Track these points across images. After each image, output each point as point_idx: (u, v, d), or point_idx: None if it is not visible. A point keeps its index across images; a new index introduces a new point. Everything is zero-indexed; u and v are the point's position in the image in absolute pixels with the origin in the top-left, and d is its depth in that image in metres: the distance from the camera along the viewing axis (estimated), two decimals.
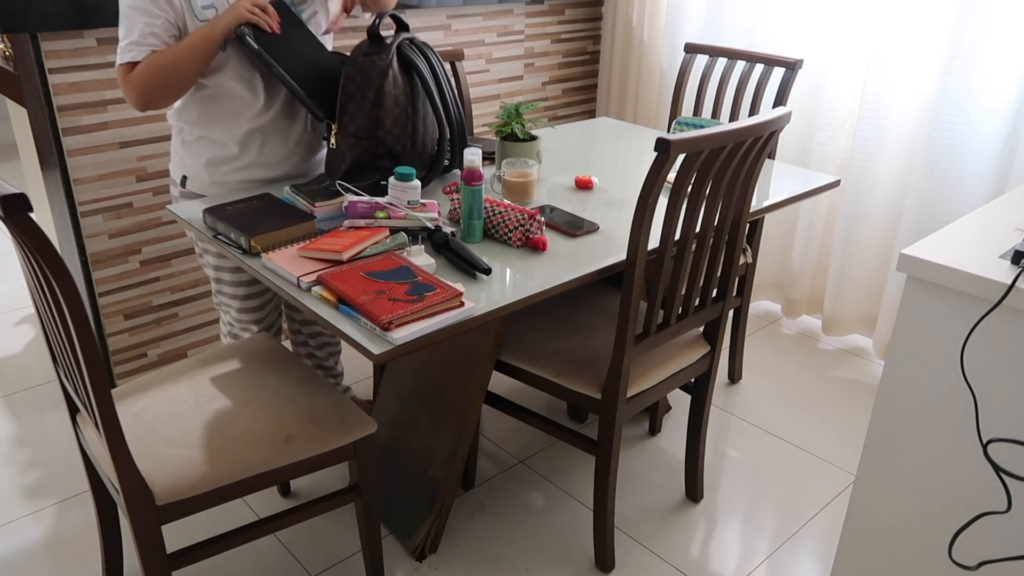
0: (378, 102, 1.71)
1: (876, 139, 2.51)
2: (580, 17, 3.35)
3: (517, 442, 2.25)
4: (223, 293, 1.92)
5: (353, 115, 1.73)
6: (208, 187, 1.82)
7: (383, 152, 1.74)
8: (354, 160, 1.75)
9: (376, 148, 1.74)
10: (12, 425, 2.31)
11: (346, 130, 1.74)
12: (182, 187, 1.85)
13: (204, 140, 1.79)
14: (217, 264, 1.87)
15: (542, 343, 1.79)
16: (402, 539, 1.87)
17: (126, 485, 1.32)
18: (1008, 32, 2.17)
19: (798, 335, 2.88)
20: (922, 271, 1.22)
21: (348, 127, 1.73)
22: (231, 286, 1.89)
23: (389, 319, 1.27)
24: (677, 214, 1.52)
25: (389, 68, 1.70)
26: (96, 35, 2.13)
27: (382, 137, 1.73)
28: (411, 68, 1.75)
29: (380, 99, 1.71)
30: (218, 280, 1.90)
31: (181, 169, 1.84)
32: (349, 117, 1.73)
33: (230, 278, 1.88)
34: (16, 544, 1.87)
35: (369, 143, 1.73)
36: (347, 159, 1.75)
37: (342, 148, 1.75)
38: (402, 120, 1.74)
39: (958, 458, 1.26)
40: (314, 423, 1.51)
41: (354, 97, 1.72)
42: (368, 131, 1.72)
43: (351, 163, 1.75)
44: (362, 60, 1.72)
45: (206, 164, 1.80)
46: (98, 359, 1.22)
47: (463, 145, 1.84)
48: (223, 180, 1.82)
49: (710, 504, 2.04)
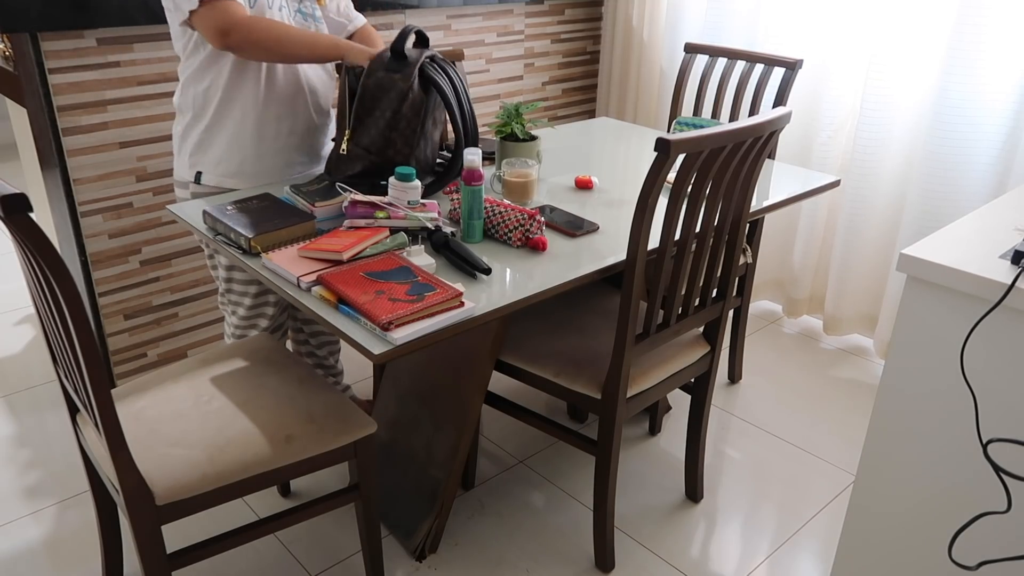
0: (394, 123, 1.71)
1: (876, 139, 2.51)
2: (580, 17, 3.35)
3: (517, 442, 2.25)
4: (233, 292, 1.92)
5: (367, 129, 1.73)
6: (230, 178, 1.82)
7: (390, 170, 1.75)
8: (362, 170, 1.76)
9: (384, 165, 1.75)
10: (12, 425, 2.31)
11: (358, 140, 1.74)
12: (196, 183, 1.83)
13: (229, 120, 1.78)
14: (229, 264, 1.87)
15: (542, 343, 1.79)
16: (402, 539, 1.87)
17: (126, 485, 1.32)
18: (1008, 32, 2.17)
19: (798, 335, 2.88)
20: (922, 271, 1.22)
21: (361, 139, 1.74)
22: (242, 284, 1.90)
23: (389, 319, 1.27)
24: (677, 214, 1.52)
25: (409, 91, 1.70)
26: (96, 35, 2.13)
27: (392, 156, 1.73)
28: (430, 85, 1.74)
29: (396, 121, 1.71)
30: (229, 279, 1.90)
31: (194, 166, 1.83)
32: (364, 129, 1.73)
33: (242, 276, 1.88)
34: (16, 544, 1.87)
35: (378, 159, 1.74)
36: (355, 167, 1.75)
37: (351, 156, 1.75)
38: (412, 140, 1.74)
39: (958, 458, 1.26)
40: (314, 423, 1.51)
41: (371, 112, 1.72)
42: (379, 148, 1.73)
43: (358, 173, 1.76)
44: (382, 76, 1.70)
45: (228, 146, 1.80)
46: (98, 359, 1.22)
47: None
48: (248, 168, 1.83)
49: (710, 504, 2.04)
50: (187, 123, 1.82)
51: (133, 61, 2.21)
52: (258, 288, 1.89)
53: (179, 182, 1.88)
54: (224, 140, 1.80)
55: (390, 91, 1.70)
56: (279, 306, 1.95)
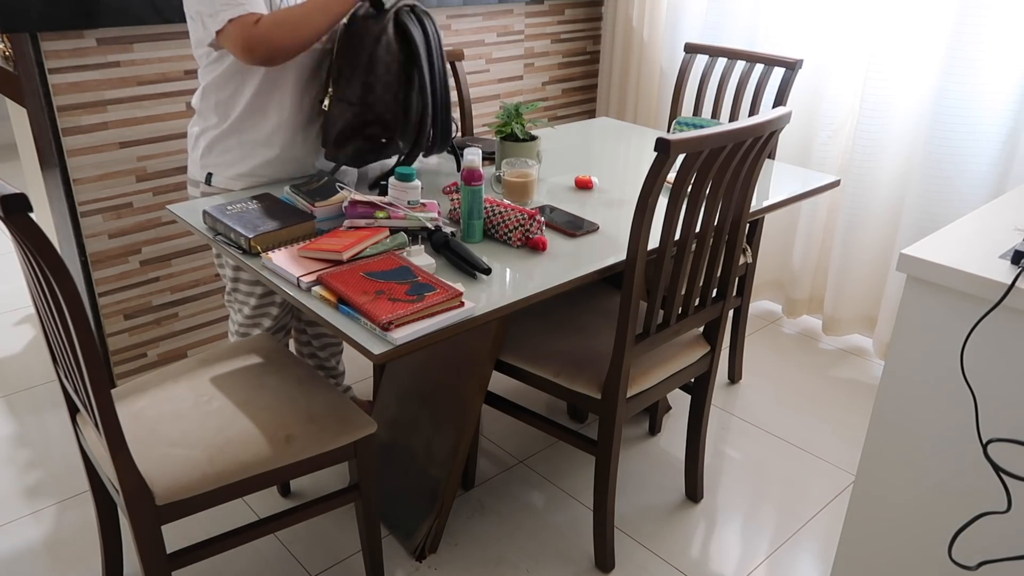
0: (370, 67, 1.67)
1: (876, 139, 2.51)
2: (580, 17, 3.35)
3: (517, 442, 2.25)
4: (240, 291, 1.92)
5: (348, 79, 1.70)
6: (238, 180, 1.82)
7: (372, 119, 1.70)
8: (344, 125, 1.72)
9: (366, 114, 1.70)
10: (12, 425, 2.31)
11: (340, 95, 1.71)
12: (207, 184, 1.83)
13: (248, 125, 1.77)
14: (236, 263, 1.86)
15: (542, 343, 1.79)
16: (402, 539, 1.87)
17: (126, 485, 1.32)
18: (1008, 32, 2.17)
19: (798, 335, 2.88)
20: (922, 271, 1.22)
21: (343, 92, 1.71)
22: (248, 284, 1.89)
23: (389, 319, 1.27)
24: (677, 214, 1.52)
25: (383, 34, 1.66)
26: (96, 35, 2.13)
27: (372, 103, 1.69)
28: (407, 35, 1.71)
29: (372, 64, 1.67)
30: (236, 279, 1.90)
31: (206, 167, 1.82)
32: (344, 81, 1.70)
33: (249, 276, 1.88)
34: (16, 544, 1.87)
35: (360, 108, 1.70)
36: (337, 124, 1.72)
37: (334, 113, 1.72)
38: (393, 87, 1.70)
39: (958, 458, 1.26)
40: (314, 423, 1.51)
41: (350, 61, 1.69)
42: (359, 97, 1.69)
43: (341, 128, 1.72)
44: (358, 23, 1.69)
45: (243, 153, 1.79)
46: (98, 359, 1.22)
47: (446, 122, 1.81)
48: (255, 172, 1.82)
49: (710, 504, 2.04)
50: (205, 126, 1.80)
51: (133, 61, 2.21)
52: (264, 289, 1.89)
53: (192, 180, 1.89)
54: (243, 146, 1.79)
55: (364, 36, 1.67)
56: (284, 307, 1.95)
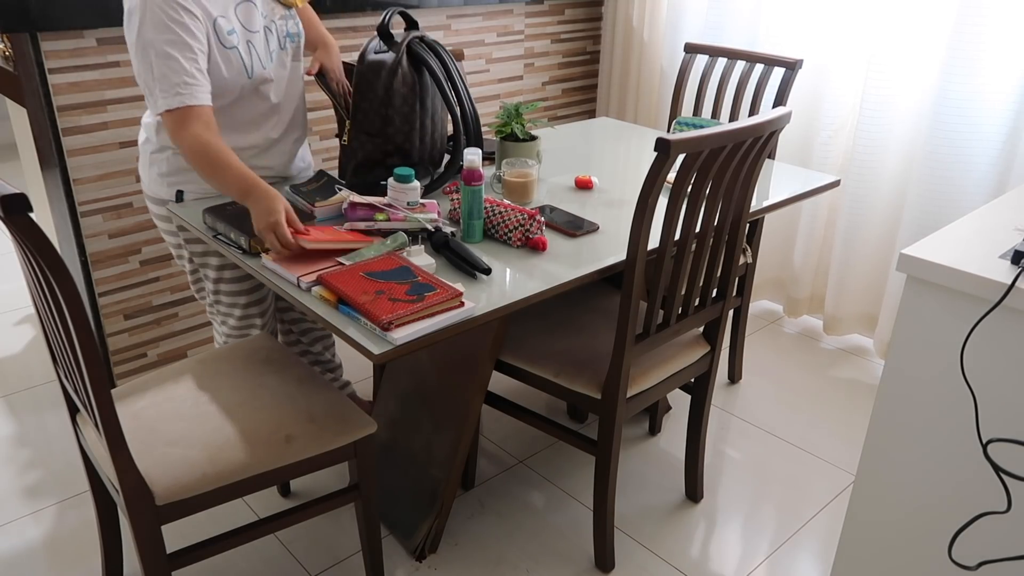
0: (387, 99, 1.72)
1: (876, 139, 2.51)
2: (580, 17, 3.35)
3: (517, 442, 2.25)
4: (222, 303, 1.89)
5: (366, 113, 1.75)
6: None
7: (392, 149, 1.75)
8: (364, 157, 1.76)
9: (386, 145, 1.75)
10: (12, 425, 2.31)
11: (359, 127, 1.76)
12: (178, 202, 1.77)
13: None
14: (217, 277, 1.84)
15: (542, 343, 1.79)
16: (402, 539, 1.87)
17: (126, 485, 1.32)
18: (1008, 32, 2.17)
19: (799, 335, 2.88)
20: (922, 271, 1.22)
21: (361, 124, 1.76)
22: (230, 295, 1.87)
23: (389, 319, 1.27)
24: (677, 214, 1.52)
25: (398, 67, 1.72)
26: (96, 35, 2.13)
27: (392, 135, 1.74)
28: (421, 65, 1.76)
29: (389, 97, 1.72)
30: (216, 291, 1.87)
31: (174, 185, 1.77)
32: (363, 115, 1.75)
33: (229, 288, 1.86)
34: (16, 544, 1.87)
35: (379, 140, 1.75)
36: (357, 156, 1.77)
37: (354, 146, 1.77)
38: (411, 118, 1.75)
39: (958, 458, 1.26)
40: (314, 423, 1.51)
41: (366, 96, 1.73)
42: (379, 129, 1.74)
43: (361, 160, 1.77)
44: (372, 58, 1.73)
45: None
46: (98, 359, 1.22)
47: (480, 143, 1.84)
48: None
49: (710, 504, 2.04)
50: (163, 144, 1.74)
51: None
52: (247, 299, 1.88)
53: (154, 199, 1.81)
54: None
55: (380, 69, 1.71)
56: (268, 313, 1.94)
